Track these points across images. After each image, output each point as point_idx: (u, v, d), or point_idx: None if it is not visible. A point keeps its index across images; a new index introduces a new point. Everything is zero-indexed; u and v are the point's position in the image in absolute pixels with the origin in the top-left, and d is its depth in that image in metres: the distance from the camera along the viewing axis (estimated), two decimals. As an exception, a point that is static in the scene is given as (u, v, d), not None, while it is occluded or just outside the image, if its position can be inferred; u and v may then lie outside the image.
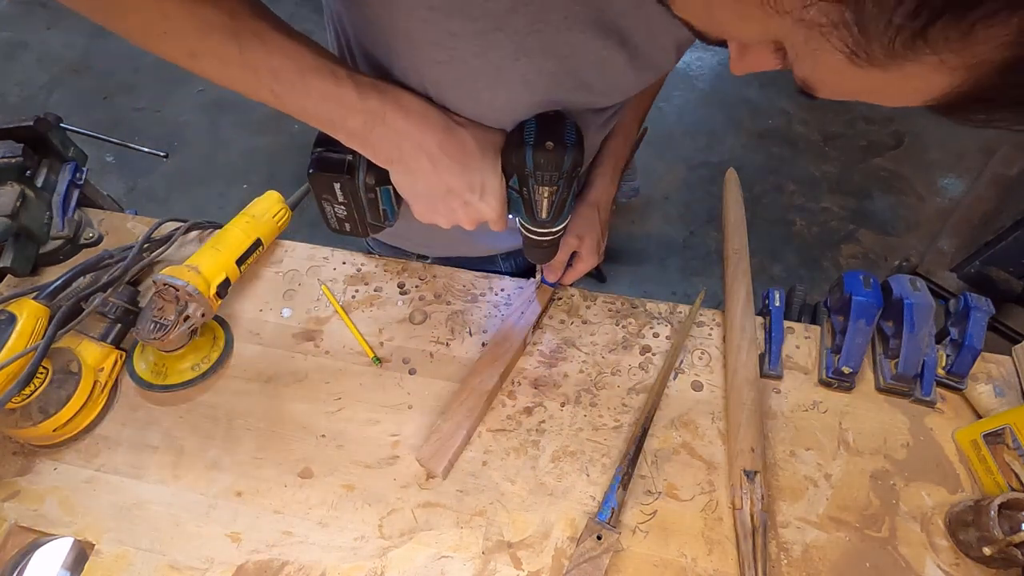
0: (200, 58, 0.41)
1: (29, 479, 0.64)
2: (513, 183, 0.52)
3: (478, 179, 0.50)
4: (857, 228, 2.18)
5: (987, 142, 2.32)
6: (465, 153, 0.49)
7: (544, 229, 0.56)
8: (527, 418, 0.68)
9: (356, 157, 0.52)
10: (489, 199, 0.52)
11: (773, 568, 0.59)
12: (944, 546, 0.61)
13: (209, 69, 0.42)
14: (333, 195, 0.54)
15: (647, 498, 0.63)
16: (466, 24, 0.42)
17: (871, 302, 0.69)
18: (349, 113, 0.44)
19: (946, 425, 0.68)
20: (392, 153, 0.47)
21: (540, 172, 0.49)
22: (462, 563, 0.59)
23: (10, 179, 0.76)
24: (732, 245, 0.78)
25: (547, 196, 0.51)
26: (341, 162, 0.52)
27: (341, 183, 0.53)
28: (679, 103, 2.56)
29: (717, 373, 0.72)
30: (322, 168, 0.52)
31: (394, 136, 0.46)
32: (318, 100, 0.43)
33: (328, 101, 0.44)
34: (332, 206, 0.56)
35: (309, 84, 0.43)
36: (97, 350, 0.68)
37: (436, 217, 0.53)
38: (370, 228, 0.58)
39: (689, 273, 2.09)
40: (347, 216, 0.57)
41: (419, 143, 0.47)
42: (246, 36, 0.41)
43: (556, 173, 0.49)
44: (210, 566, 0.59)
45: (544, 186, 0.50)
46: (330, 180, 0.53)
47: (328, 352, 0.73)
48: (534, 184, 0.50)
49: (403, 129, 0.46)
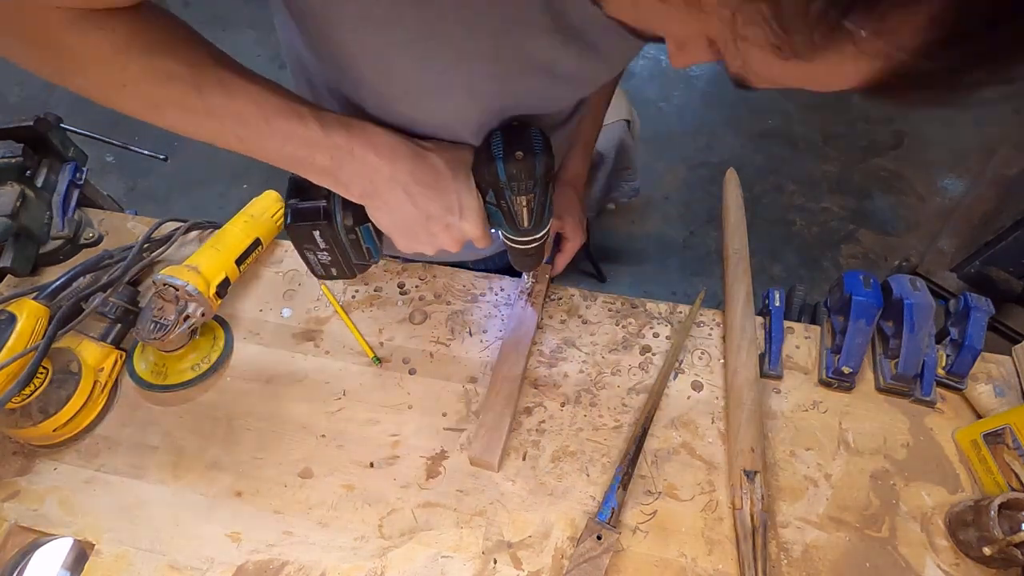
0: (163, 109, 0.41)
1: (29, 479, 0.64)
2: (490, 198, 0.52)
3: (455, 200, 0.50)
4: (857, 228, 2.18)
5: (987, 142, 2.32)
6: (438, 177, 0.48)
7: (528, 237, 0.57)
8: (527, 418, 0.68)
9: (331, 201, 0.52)
10: (469, 217, 0.51)
11: (773, 568, 0.59)
12: (944, 546, 0.61)
13: (172, 119, 0.42)
14: (314, 243, 0.54)
15: (647, 498, 0.63)
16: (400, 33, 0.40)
17: (871, 302, 0.69)
18: (316, 151, 0.44)
19: (946, 425, 0.68)
20: (366, 188, 0.47)
21: (515, 183, 0.49)
22: (462, 563, 0.59)
23: (10, 179, 0.76)
24: (732, 245, 0.78)
25: (525, 205, 0.51)
26: (316, 209, 0.51)
27: (320, 229, 0.52)
28: (679, 103, 2.56)
29: (717, 373, 0.72)
30: (299, 219, 0.51)
31: (365, 170, 0.46)
32: (283, 141, 0.43)
33: (293, 140, 0.43)
34: (315, 254, 0.55)
35: (274, 126, 0.43)
36: (97, 350, 0.68)
37: (419, 246, 0.53)
38: (356, 268, 0.58)
39: (689, 273, 2.09)
40: (331, 261, 0.56)
41: (391, 175, 0.47)
42: (208, 84, 0.41)
43: (530, 181, 0.49)
44: (210, 566, 0.59)
45: (521, 195, 0.50)
46: (308, 229, 0.52)
47: (328, 352, 0.73)
48: (511, 195, 0.50)
49: (373, 163, 0.46)
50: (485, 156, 0.49)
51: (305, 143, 0.44)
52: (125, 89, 0.40)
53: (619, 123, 1.56)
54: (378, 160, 0.46)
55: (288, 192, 0.52)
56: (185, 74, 0.40)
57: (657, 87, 2.61)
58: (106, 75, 0.40)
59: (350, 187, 0.47)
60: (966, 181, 2.27)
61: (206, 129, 0.43)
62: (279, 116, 0.43)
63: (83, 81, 0.40)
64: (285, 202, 0.52)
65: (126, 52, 0.39)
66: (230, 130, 0.43)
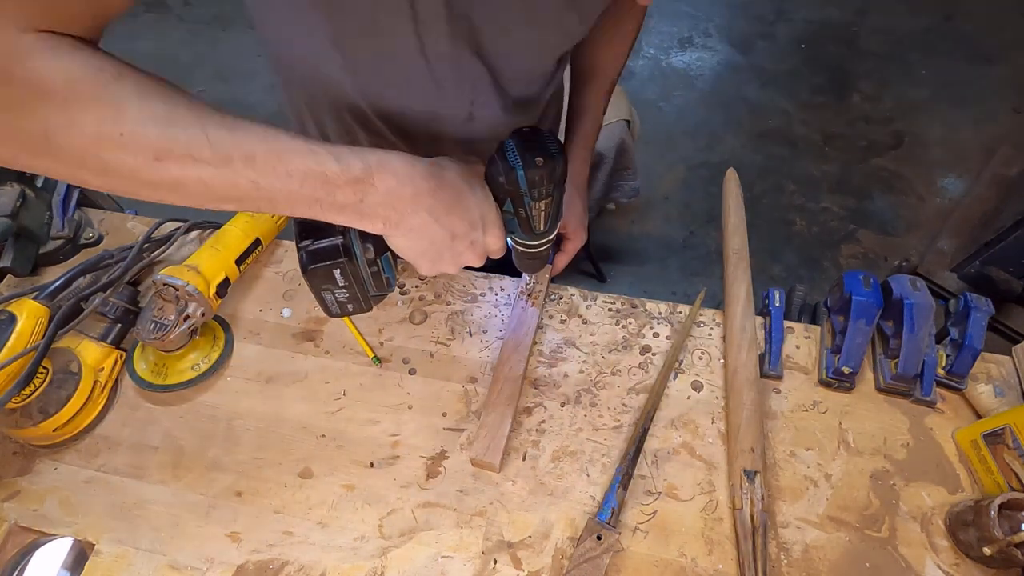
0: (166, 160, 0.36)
1: (29, 479, 0.64)
2: (507, 207, 0.51)
3: (477, 215, 0.49)
4: (857, 228, 2.18)
5: (987, 142, 2.32)
6: (458, 194, 0.47)
7: (541, 240, 0.56)
8: (527, 418, 0.68)
9: (348, 236, 0.49)
10: (492, 231, 0.50)
11: (773, 568, 0.59)
12: (944, 546, 0.61)
13: (177, 171, 0.36)
14: (333, 283, 0.51)
15: (647, 498, 0.63)
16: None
17: (871, 302, 0.69)
18: (336, 188, 0.41)
19: (946, 425, 0.68)
20: (389, 217, 0.45)
21: (535, 189, 0.49)
22: (462, 563, 0.59)
23: (10, 179, 0.76)
24: (732, 245, 0.78)
25: (543, 209, 0.51)
26: (335, 247, 0.48)
27: (340, 268, 0.49)
28: (679, 103, 2.56)
29: (717, 373, 0.72)
30: (317, 260, 0.48)
31: (387, 199, 0.44)
32: (301, 181, 0.40)
33: (312, 179, 0.40)
34: (332, 294, 0.52)
35: (289, 164, 0.39)
36: (97, 350, 0.68)
37: (443, 266, 0.51)
38: (373, 300, 0.55)
39: (689, 273, 2.09)
40: (349, 297, 0.53)
41: (413, 199, 0.44)
42: (212, 126, 0.37)
43: (551, 186, 0.49)
44: (210, 566, 0.59)
45: (540, 200, 0.50)
46: (328, 270, 0.49)
47: (328, 352, 0.73)
48: (530, 202, 0.50)
49: (394, 189, 0.43)
50: (503, 166, 0.48)
51: (324, 181, 0.41)
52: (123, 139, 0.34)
53: (619, 123, 1.56)
54: (399, 186, 0.44)
55: (298, 235, 0.49)
56: (187, 116, 0.36)
57: (657, 87, 2.61)
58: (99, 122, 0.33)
59: (373, 219, 0.44)
60: (966, 181, 2.27)
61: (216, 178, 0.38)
62: (292, 154, 0.40)
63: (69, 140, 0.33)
64: (296, 246, 0.49)
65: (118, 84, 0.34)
66: (242, 175, 0.38)
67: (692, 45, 2.77)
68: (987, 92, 2.55)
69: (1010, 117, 2.46)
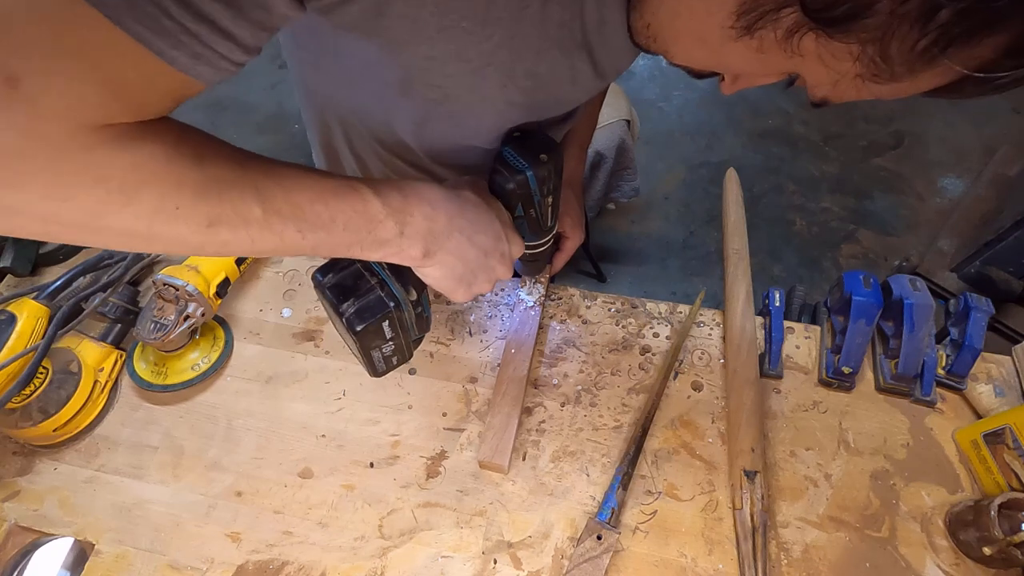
0: (218, 225, 0.34)
1: (29, 479, 0.64)
2: (518, 212, 0.52)
3: (499, 227, 0.49)
4: (857, 228, 2.18)
5: (987, 142, 2.32)
6: (479, 210, 0.47)
7: (546, 237, 0.57)
8: (527, 418, 0.68)
9: (385, 286, 0.47)
10: (513, 238, 0.51)
11: (773, 568, 0.59)
12: (944, 546, 0.61)
13: (227, 234, 0.35)
14: (382, 338, 0.48)
15: (647, 498, 0.63)
16: (461, 66, 0.42)
17: (871, 302, 0.69)
18: (378, 224, 0.41)
19: (946, 425, 0.68)
20: (428, 245, 0.44)
21: (544, 185, 0.49)
22: (462, 563, 0.59)
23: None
24: (732, 245, 0.78)
25: (551, 204, 0.52)
26: (379, 300, 0.46)
27: (389, 319, 0.47)
28: (679, 103, 2.56)
29: (717, 373, 0.72)
30: (366, 319, 0.45)
31: (425, 226, 0.43)
32: (345, 223, 0.39)
33: (357, 219, 0.40)
34: (381, 350, 0.49)
35: (334, 209, 0.39)
36: (97, 350, 0.68)
37: (478, 287, 0.50)
38: (413, 345, 0.53)
39: (689, 273, 2.09)
40: (394, 350, 0.51)
41: (448, 222, 0.45)
42: (261, 181, 0.35)
43: (557, 179, 0.49)
44: (210, 566, 0.59)
45: (548, 196, 0.51)
46: (378, 324, 0.46)
47: (328, 352, 0.73)
48: (539, 199, 0.50)
49: (430, 215, 0.43)
50: (508, 172, 0.49)
51: (367, 219, 0.40)
52: (179, 211, 0.32)
53: (619, 123, 1.56)
54: (433, 211, 0.44)
55: (333, 300, 0.46)
56: (240, 178, 0.35)
57: (657, 87, 2.61)
58: (158, 199, 0.31)
59: (411, 250, 0.44)
60: (966, 181, 2.27)
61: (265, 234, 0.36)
62: (336, 197, 0.39)
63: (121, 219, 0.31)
64: (335, 314, 0.46)
65: (178, 162, 0.32)
66: (291, 226, 0.37)
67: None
68: (987, 92, 2.55)
69: (1010, 117, 2.46)
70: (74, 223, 0.30)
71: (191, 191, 0.32)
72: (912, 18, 0.26)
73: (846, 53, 0.28)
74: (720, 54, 0.35)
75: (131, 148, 0.30)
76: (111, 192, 0.30)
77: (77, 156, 0.28)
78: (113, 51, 0.27)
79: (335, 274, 0.47)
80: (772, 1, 0.29)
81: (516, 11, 0.38)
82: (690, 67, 0.40)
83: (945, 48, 0.26)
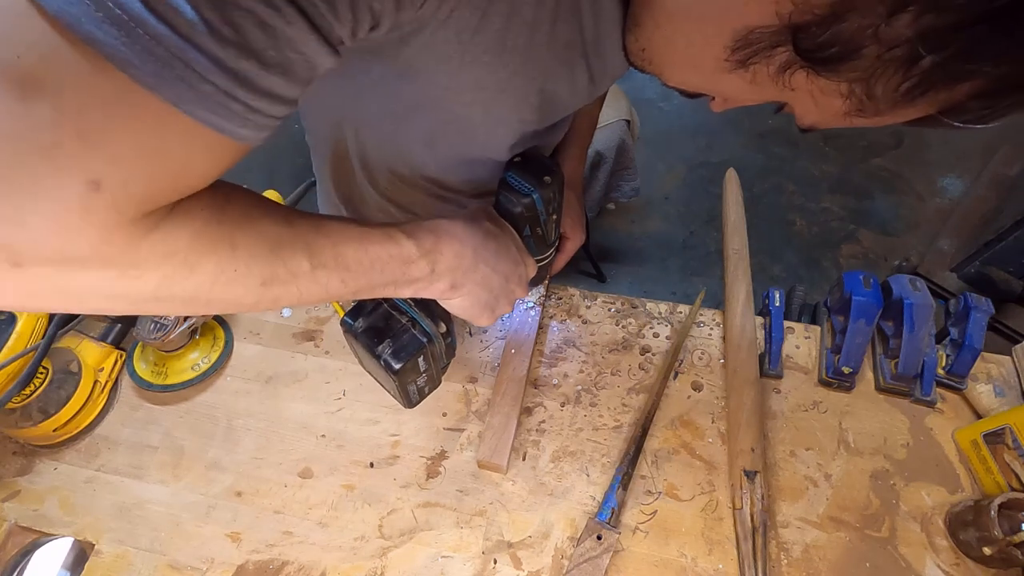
0: (271, 284, 0.35)
1: (29, 479, 0.64)
2: (525, 232, 0.53)
3: (515, 251, 0.51)
4: (857, 228, 2.18)
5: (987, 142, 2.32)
6: (497, 238, 0.49)
7: (549, 250, 0.58)
8: (527, 418, 0.68)
9: (415, 324, 0.48)
10: (527, 260, 0.53)
11: (773, 568, 0.59)
12: (944, 546, 0.61)
13: (279, 290, 0.35)
14: (417, 372, 0.49)
15: (647, 498, 0.63)
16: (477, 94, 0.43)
17: (871, 302, 0.69)
18: (412, 266, 0.42)
19: (946, 425, 0.68)
20: (456, 279, 0.46)
21: (550, 205, 0.51)
22: (462, 563, 0.59)
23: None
24: (732, 245, 0.78)
25: (555, 221, 0.53)
26: (413, 338, 0.47)
27: (424, 355, 0.48)
28: (679, 103, 2.56)
29: (717, 373, 0.72)
30: (403, 358, 0.46)
31: (453, 263, 0.45)
32: (382, 267, 0.41)
33: (392, 264, 0.41)
34: (415, 383, 0.50)
35: (373, 255, 0.40)
36: (97, 350, 0.68)
37: (500, 310, 0.52)
38: (442, 372, 0.54)
39: (689, 273, 2.08)
40: (427, 380, 0.52)
41: (472, 256, 0.46)
42: (310, 236, 0.36)
43: (560, 197, 0.51)
44: (210, 566, 0.59)
45: (553, 214, 0.53)
46: (415, 361, 0.47)
47: (328, 352, 0.73)
48: (545, 219, 0.52)
49: (458, 251, 0.45)
50: (515, 197, 0.50)
51: (402, 262, 0.42)
52: (237, 274, 0.33)
53: (619, 123, 1.56)
54: (462, 247, 0.45)
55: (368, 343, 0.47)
56: (290, 236, 0.35)
57: (657, 87, 2.59)
58: (217, 265, 0.32)
59: (440, 285, 0.45)
60: (966, 181, 2.27)
61: (310, 291, 0.37)
62: (374, 244, 0.40)
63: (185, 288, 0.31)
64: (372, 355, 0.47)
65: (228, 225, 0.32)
66: (335, 277, 0.38)
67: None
68: (987, 92, 2.55)
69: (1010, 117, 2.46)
70: (141, 298, 0.31)
71: (246, 253, 0.33)
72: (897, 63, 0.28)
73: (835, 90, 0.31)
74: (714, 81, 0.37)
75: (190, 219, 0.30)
76: (177, 266, 0.30)
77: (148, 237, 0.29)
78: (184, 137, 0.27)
79: (365, 317, 0.48)
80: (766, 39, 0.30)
81: (529, 36, 0.39)
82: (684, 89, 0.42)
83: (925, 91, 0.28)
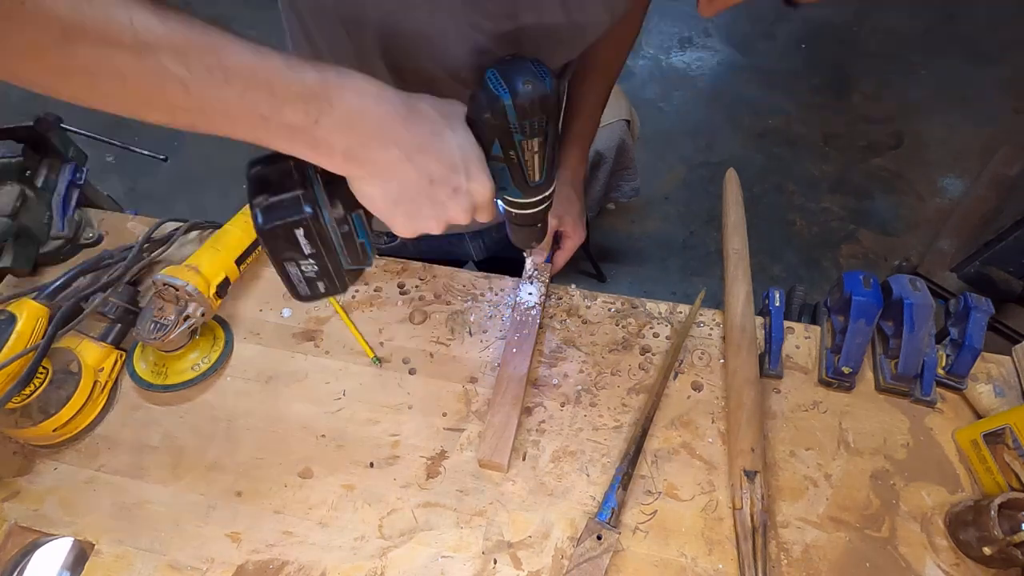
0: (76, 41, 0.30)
1: (29, 479, 0.64)
2: (495, 151, 0.44)
3: (458, 156, 0.42)
4: (857, 228, 2.18)
5: (987, 142, 2.32)
6: (434, 128, 0.40)
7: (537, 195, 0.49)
8: (527, 418, 0.68)
9: (311, 189, 0.41)
10: (477, 175, 0.43)
11: (773, 568, 0.59)
12: (944, 546, 0.61)
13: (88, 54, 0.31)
14: (297, 249, 0.43)
15: (647, 498, 0.63)
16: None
17: (871, 302, 0.69)
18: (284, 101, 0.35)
19: (946, 425, 0.68)
20: (351, 148, 0.38)
21: (525, 121, 0.41)
22: (462, 563, 0.59)
23: (10, 179, 0.76)
24: (732, 245, 0.78)
25: (538, 149, 0.44)
26: (295, 200, 0.40)
27: (305, 228, 0.41)
28: (679, 103, 2.56)
29: (717, 373, 0.72)
30: (274, 218, 0.40)
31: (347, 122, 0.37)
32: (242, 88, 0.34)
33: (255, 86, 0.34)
34: (298, 266, 0.44)
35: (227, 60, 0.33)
36: (97, 350, 0.68)
37: (423, 222, 0.44)
38: (348, 276, 0.48)
39: (689, 273, 2.09)
40: (319, 272, 0.45)
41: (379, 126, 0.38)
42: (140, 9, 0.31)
43: (543, 116, 0.42)
44: (210, 566, 0.59)
45: (533, 138, 0.43)
46: (290, 229, 0.41)
47: (328, 352, 0.73)
48: (522, 140, 0.43)
49: (358, 110, 0.37)
50: (486, 97, 0.41)
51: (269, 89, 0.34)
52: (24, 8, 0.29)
53: (619, 123, 1.56)
54: (363, 105, 0.37)
55: (250, 191, 0.41)
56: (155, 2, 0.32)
57: (657, 87, 2.61)
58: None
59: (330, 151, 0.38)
60: (966, 181, 2.27)
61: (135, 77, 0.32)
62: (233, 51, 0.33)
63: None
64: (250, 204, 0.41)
65: None
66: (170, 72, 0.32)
67: (692, 45, 2.77)
68: (987, 92, 2.55)
69: (1010, 117, 2.46)
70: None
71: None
72: None
73: None
74: None
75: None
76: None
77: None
78: None
79: (265, 166, 0.42)
80: None
81: None
82: None
83: None
